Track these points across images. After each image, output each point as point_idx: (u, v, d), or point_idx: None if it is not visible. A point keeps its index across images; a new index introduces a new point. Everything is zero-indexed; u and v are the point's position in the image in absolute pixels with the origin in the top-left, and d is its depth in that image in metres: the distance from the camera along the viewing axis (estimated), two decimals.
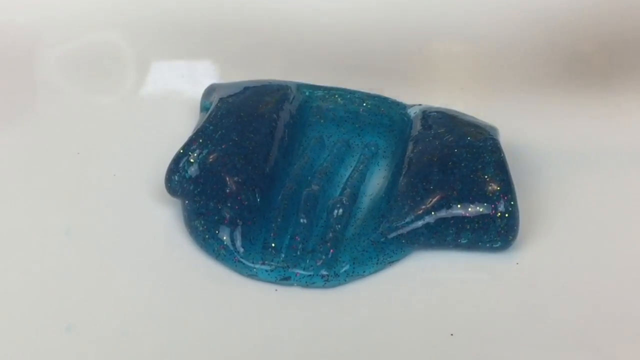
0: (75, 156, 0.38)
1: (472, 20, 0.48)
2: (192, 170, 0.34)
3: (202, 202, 0.33)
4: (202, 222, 0.33)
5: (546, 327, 0.31)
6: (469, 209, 0.33)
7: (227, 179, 0.34)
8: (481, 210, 0.33)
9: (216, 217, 0.33)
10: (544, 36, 0.47)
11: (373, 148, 0.38)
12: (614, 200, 0.36)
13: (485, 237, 0.33)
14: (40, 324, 0.30)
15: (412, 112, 0.39)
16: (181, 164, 0.34)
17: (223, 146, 0.35)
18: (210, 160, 0.34)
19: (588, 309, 0.31)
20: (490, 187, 0.33)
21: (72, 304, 0.31)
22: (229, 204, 0.33)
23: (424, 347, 0.30)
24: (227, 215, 0.33)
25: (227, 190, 0.33)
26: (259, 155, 0.35)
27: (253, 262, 0.32)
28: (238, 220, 0.33)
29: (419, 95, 0.39)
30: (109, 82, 0.44)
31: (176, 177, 0.34)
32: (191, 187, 0.34)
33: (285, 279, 0.32)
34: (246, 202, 0.33)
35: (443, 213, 0.33)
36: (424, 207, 0.33)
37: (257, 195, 0.33)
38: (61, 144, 0.39)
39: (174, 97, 0.43)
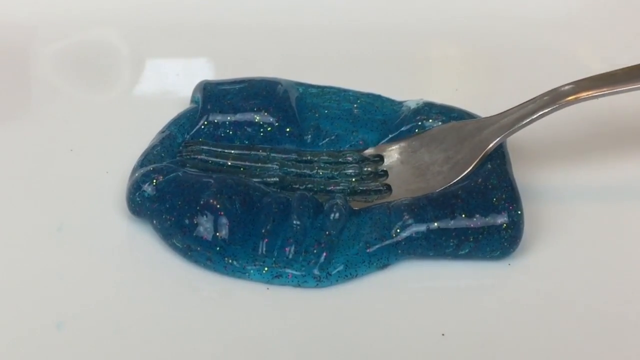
0: (68, 153, 0.38)
1: (467, 21, 0.48)
2: (155, 188, 0.33)
3: (173, 220, 0.32)
4: (180, 238, 0.32)
5: (538, 328, 0.30)
6: (474, 219, 0.32)
7: (198, 190, 0.32)
8: (487, 220, 0.32)
9: (194, 234, 0.32)
10: (540, 38, 0.47)
11: (362, 143, 0.37)
12: (616, 204, 0.36)
13: (488, 248, 0.32)
14: (30, 321, 0.30)
15: (411, 104, 0.38)
16: (143, 182, 0.33)
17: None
18: (175, 174, 0.33)
19: (582, 312, 0.31)
20: (495, 196, 0.33)
21: (64, 301, 0.31)
22: (205, 217, 0.32)
23: (416, 346, 0.30)
24: (206, 229, 0.32)
25: (201, 202, 0.32)
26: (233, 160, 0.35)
27: (244, 265, 0.32)
28: (219, 234, 0.32)
29: (412, 96, 0.39)
30: (104, 79, 0.44)
31: (137, 197, 0.33)
32: (156, 205, 0.33)
33: (276, 277, 0.32)
34: (223, 212, 0.32)
35: (445, 224, 0.32)
36: (424, 216, 0.32)
37: (236, 202, 0.32)
38: (54, 140, 0.39)
39: (168, 95, 0.43)
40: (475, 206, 0.32)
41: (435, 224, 0.32)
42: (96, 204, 0.35)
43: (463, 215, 0.32)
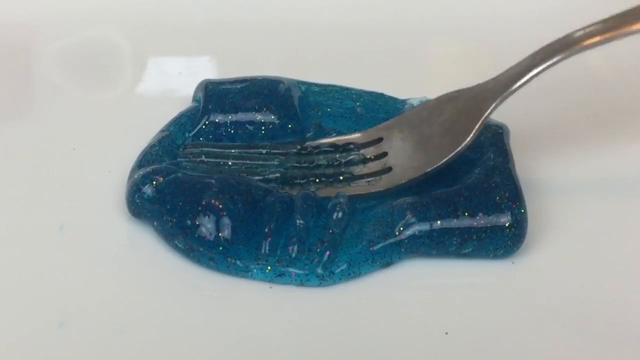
0: (70, 152, 0.38)
1: (470, 19, 0.48)
2: (155, 189, 0.33)
3: (175, 222, 0.32)
4: (182, 239, 0.32)
5: (541, 327, 0.30)
6: (477, 218, 0.32)
7: (199, 190, 0.32)
8: (490, 219, 0.32)
9: (196, 235, 0.32)
10: (543, 35, 0.47)
11: None
12: (620, 202, 0.36)
13: (491, 247, 0.32)
14: (33, 320, 0.30)
15: (414, 102, 0.38)
16: (143, 183, 0.33)
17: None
18: (175, 174, 0.33)
19: (586, 311, 0.31)
20: (498, 194, 0.33)
21: (66, 300, 0.31)
22: (207, 218, 0.32)
23: (419, 345, 0.30)
24: (209, 230, 0.32)
25: (203, 203, 0.32)
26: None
27: (247, 264, 0.32)
28: (221, 234, 0.31)
29: (415, 94, 0.39)
30: (106, 78, 0.44)
31: (137, 199, 0.33)
32: (157, 207, 0.33)
33: (279, 276, 0.32)
34: (225, 212, 0.32)
35: (448, 223, 0.32)
36: (427, 214, 0.32)
37: (238, 202, 0.32)
38: (57, 139, 0.39)
39: (171, 94, 0.43)
40: (478, 205, 0.32)
41: (439, 222, 0.32)
42: (98, 203, 0.35)
43: (466, 214, 0.32)
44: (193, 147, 0.36)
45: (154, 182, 0.33)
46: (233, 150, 0.36)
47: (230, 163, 0.36)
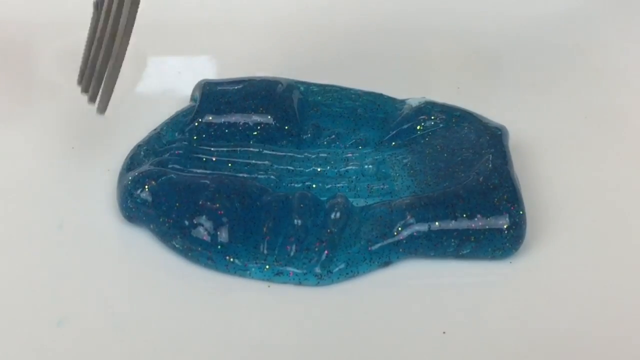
0: (69, 151, 0.38)
1: (469, 19, 0.48)
2: (149, 192, 0.33)
3: (172, 223, 0.32)
4: (180, 240, 0.32)
5: (539, 326, 0.30)
6: (475, 220, 0.32)
7: (195, 191, 0.32)
8: (488, 220, 0.32)
9: (194, 235, 0.32)
10: (543, 35, 0.47)
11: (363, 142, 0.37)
12: (617, 203, 0.36)
13: (489, 248, 0.32)
14: (31, 318, 0.30)
15: (413, 102, 0.38)
16: (135, 187, 0.33)
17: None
18: (168, 176, 0.33)
19: (583, 311, 0.31)
20: (496, 196, 0.33)
21: (65, 298, 0.31)
22: (204, 217, 0.32)
23: (417, 344, 0.30)
24: (207, 229, 0.32)
25: (200, 203, 0.32)
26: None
27: (245, 263, 0.32)
28: (219, 233, 0.32)
29: (414, 94, 0.39)
30: None
31: (130, 203, 0.33)
32: (152, 210, 0.33)
33: (278, 275, 0.32)
34: (223, 211, 0.32)
35: (446, 224, 0.32)
36: (426, 215, 0.32)
37: (235, 201, 0.32)
38: (56, 138, 0.39)
39: (170, 93, 0.43)
40: (476, 206, 0.32)
41: (437, 223, 0.32)
42: (97, 201, 0.35)
43: (464, 216, 0.32)
44: (175, 143, 0.36)
45: (146, 186, 0.33)
46: (221, 148, 0.36)
47: (214, 159, 0.35)
